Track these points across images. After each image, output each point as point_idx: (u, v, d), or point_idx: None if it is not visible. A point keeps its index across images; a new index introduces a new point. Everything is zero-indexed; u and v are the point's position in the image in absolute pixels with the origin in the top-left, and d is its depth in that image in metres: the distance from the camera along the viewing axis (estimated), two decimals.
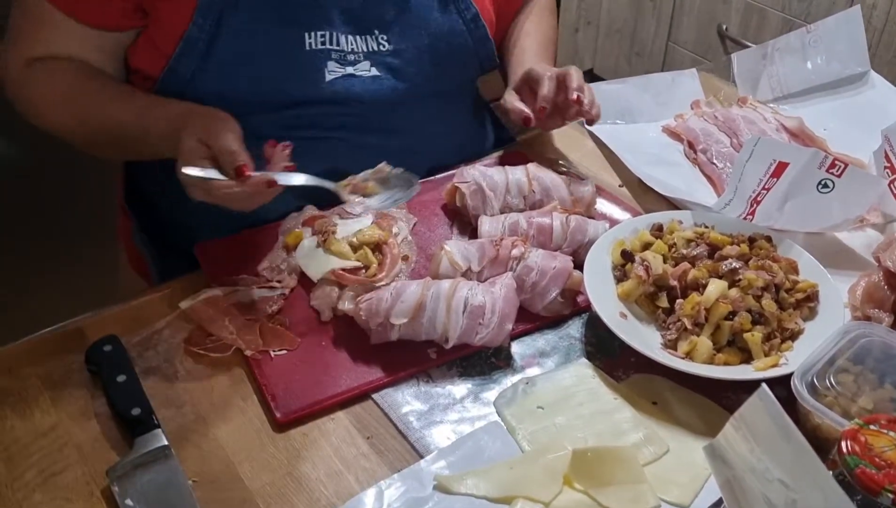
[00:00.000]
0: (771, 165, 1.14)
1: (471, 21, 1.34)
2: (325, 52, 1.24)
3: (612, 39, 3.26)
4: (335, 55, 1.25)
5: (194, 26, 1.17)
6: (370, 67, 1.27)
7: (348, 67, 1.26)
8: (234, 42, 1.19)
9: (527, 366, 1.06)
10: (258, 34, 1.20)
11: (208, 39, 1.18)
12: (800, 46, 1.56)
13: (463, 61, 1.37)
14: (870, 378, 0.93)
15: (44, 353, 1.05)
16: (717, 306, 1.03)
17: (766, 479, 0.73)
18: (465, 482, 0.91)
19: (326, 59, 1.24)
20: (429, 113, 1.36)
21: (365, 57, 1.27)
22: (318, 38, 1.23)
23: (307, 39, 1.22)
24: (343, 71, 1.25)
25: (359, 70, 1.26)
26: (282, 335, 1.07)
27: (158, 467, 0.91)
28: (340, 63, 1.25)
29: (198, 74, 1.20)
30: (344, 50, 1.25)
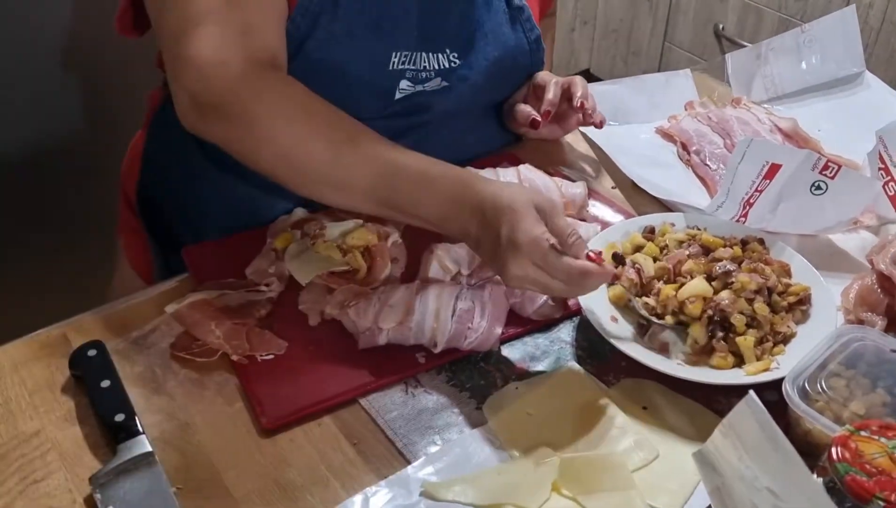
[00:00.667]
0: (764, 167, 1.13)
1: (534, 42, 1.35)
2: (401, 72, 1.22)
3: (608, 39, 3.26)
4: (409, 74, 1.23)
5: (291, 24, 1.13)
6: (441, 81, 1.27)
7: (418, 85, 1.25)
8: (325, 48, 1.16)
9: (517, 371, 1.05)
10: (351, 46, 1.17)
11: (300, 40, 1.14)
12: (794, 46, 1.55)
13: (520, 79, 1.39)
14: (862, 383, 0.92)
15: (27, 358, 1.04)
16: (689, 305, 1.02)
17: (755, 487, 0.72)
18: (453, 489, 0.90)
19: (401, 78, 1.22)
20: (466, 123, 1.37)
21: (437, 74, 1.26)
22: (402, 58, 1.21)
23: (393, 58, 1.20)
24: (413, 89, 1.24)
25: (429, 87, 1.26)
26: (269, 339, 1.06)
27: (142, 474, 0.90)
28: (412, 81, 1.24)
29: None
30: (418, 68, 1.24)
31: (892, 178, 1.20)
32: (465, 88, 1.29)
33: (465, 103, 1.32)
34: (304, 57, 1.16)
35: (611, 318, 1.06)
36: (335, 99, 1.10)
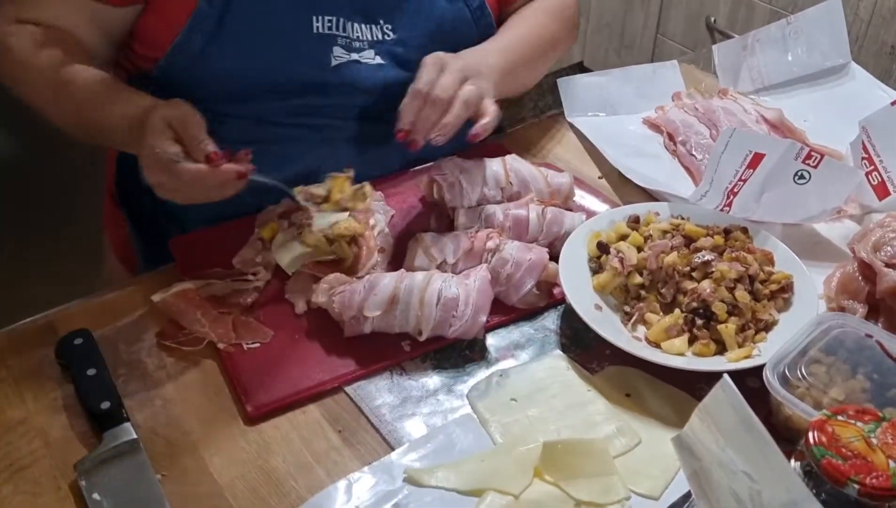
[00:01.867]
0: (747, 157, 1.13)
1: (477, 9, 1.33)
2: (332, 38, 1.24)
3: (601, 32, 3.26)
4: (341, 41, 1.25)
5: (204, 1, 1.17)
6: (374, 55, 1.27)
7: (353, 53, 1.26)
8: (244, 19, 1.19)
9: (501, 358, 1.05)
10: (268, 13, 1.20)
11: (218, 15, 1.18)
12: (780, 38, 1.55)
13: (465, 42, 1.34)
14: (842, 369, 0.93)
15: (14, 346, 1.05)
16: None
17: (731, 471, 0.73)
18: (436, 474, 0.90)
19: (332, 44, 1.24)
20: None
21: (370, 46, 1.27)
22: (326, 23, 1.23)
23: (315, 23, 1.22)
24: (348, 57, 1.25)
25: (363, 58, 1.26)
26: (255, 328, 1.07)
27: (127, 461, 0.91)
28: (346, 49, 1.25)
29: (208, 49, 1.19)
30: (350, 37, 1.25)
31: (874, 167, 1.21)
32: (403, 72, 1.27)
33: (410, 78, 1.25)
34: (225, 35, 1.18)
35: (595, 306, 1.07)
36: (272, 65, 1.19)
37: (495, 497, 0.88)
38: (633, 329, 1.06)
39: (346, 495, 0.89)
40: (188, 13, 1.18)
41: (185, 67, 1.21)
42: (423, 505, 0.88)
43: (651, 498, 0.89)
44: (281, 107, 1.25)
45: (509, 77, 1.30)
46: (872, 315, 1.04)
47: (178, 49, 1.20)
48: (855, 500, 0.73)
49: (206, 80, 1.21)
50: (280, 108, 1.25)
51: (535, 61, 1.40)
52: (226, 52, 1.20)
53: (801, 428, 0.87)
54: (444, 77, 1.16)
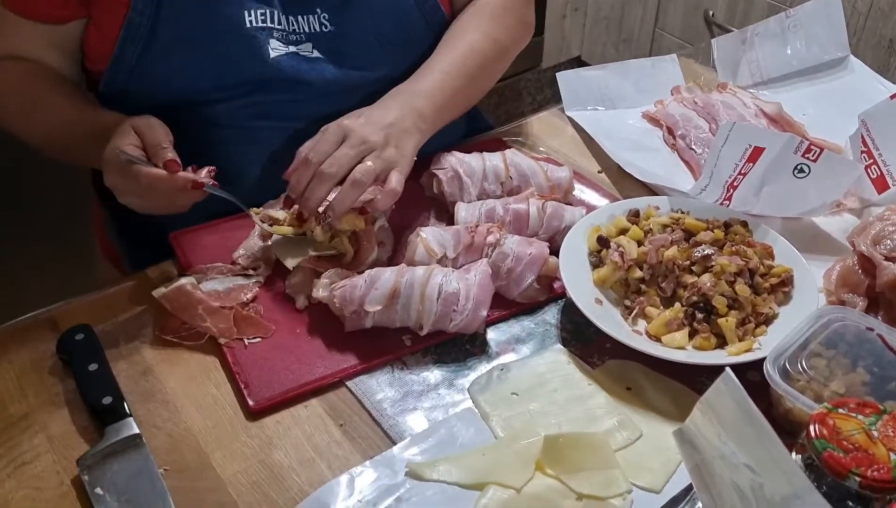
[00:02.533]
0: (746, 151, 1.14)
1: (429, 8, 1.31)
2: (267, 31, 1.22)
3: (599, 26, 3.26)
4: (277, 34, 1.23)
5: (134, 11, 1.16)
6: (312, 48, 1.25)
7: (291, 46, 1.24)
8: (175, 23, 1.18)
9: (502, 353, 1.06)
10: (198, 14, 1.18)
11: (150, 24, 1.17)
12: (779, 31, 1.55)
13: (415, 38, 1.32)
14: (842, 362, 0.93)
15: (15, 342, 1.05)
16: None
17: (733, 464, 0.73)
18: (438, 468, 0.91)
19: (268, 37, 1.22)
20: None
21: (307, 38, 1.25)
22: (259, 16, 1.21)
23: (247, 17, 1.20)
24: (286, 49, 1.23)
25: (302, 50, 1.25)
26: (256, 322, 1.07)
27: (129, 456, 0.91)
28: (283, 42, 1.23)
29: (143, 58, 1.19)
30: (286, 29, 1.24)
31: (874, 161, 1.21)
32: (343, 70, 1.26)
33: (355, 79, 1.27)
34: (158, 41, 1.18)
35: (595, 300, 1.07)
36: (210, 65, 1.19)
37: (497, 491, 0.88)
38: (634, 323, 1.06)
39: (349, 489, 0.89)
40: (121, 23, 1.17)
41: (125, 78, 1.21)
42: (425, 499, 0.88)
43: (652, 492, 0.89)
44: (229, 108, 1.24)
45: (445, 112, 1.26)
46: (872, 309, 1.04)
47: (116, 61, 1.20)
48: (856, 493, 0.74)
49: (148, 89, 1.21)
50: (228, 109, 1.24)
51: (478, 81, 1.33)
52: (161, 58, 1.19)
53: (802, 421, 0.87)
54: (340, 150, 1.10)
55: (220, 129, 1.24)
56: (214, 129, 1.24)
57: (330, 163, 1.09)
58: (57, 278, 1.40)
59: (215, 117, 1.24)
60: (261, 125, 1.27)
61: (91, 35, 1.22)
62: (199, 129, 1.24)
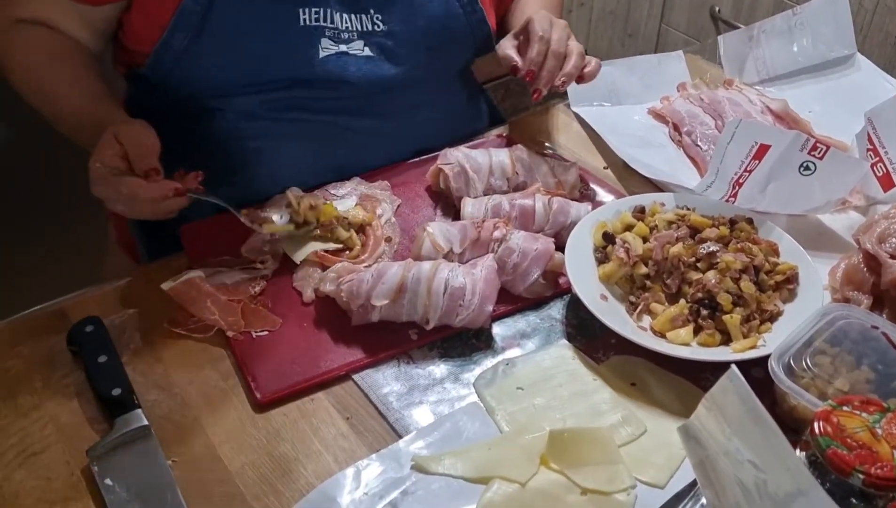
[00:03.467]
0: (752, 148, 1.14)
1: (468, 4, 1.33)
2: (319, 29, 1.23)
3: (605, 21, 3.25)
4: (329, 32, 1.24)
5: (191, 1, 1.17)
6: (364, 46, 1.27)
7: (342, 45, 1.25)
8: (229, 16, 1.19)
9: (507, 347, 1.06)
10: (253, 9, 1.19)
11: (203, 12, 1.18)
12: (786, 28, 1.55)
13: (458, 45, 1.36)
14: (847, 360, 0.93)
15: (26, 334, 1.06)
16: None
17: (737, 460, 0.73)
18: (443, 462, 0.91)
19: (320, 37, 1.24)
20: (422, 98, 1.36)
21: (359, 36, 1.26)
22: (313, 15, 1.23)
23: (301, 15, 1.22)
24: (336, 49, 1.25)
25: (352, 49, 1.26)
26: (264, 315, 1.08)
27: (138, 447, 0.92)
28: (334, 41, 1.25)
29: (192, 47, 1.20)
30: (338, 28, 1.25)
31: (880, 159, 1.21)
32: (391, 67, 1.29)
33: (396, 80, 1.30)
34: (209, 32, 1.19)
35: (600, 296, 1.08)
36: (259, 60, 1.20)
37: (501, 485, 0.89)
38: (639, 319, 1.07)
39: (355, 482, 0.90)
40: (172, 11, 1.18)
41: (171, 65, 1.22)
42: (431, 493, 0.89)
43: (656, 487, 0.90)
44: (267, 100, 1.25)
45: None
46: (877, 306, 1.05)
47: (163, 47, 1.20)
48: (859, 490, 0.74)
49: (191, 77, 1.22)
50: (265, 101, 1.25)
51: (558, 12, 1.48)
52: (211, 49, 1.20)
53: (806, 418, 0.88)
54: (555, 31, 1.25)
55: (252, 120, 1.26)
56: (246, 120, 1.26)
57: (557, 43, 1.25)
58: (67, 269, 1.41)
59: (249, 109, 1.25)
60: (293, 117, 1.28)
61: (135, 19, 1.23)
62: (230, 119, 1.26)
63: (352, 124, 1.31)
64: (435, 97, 1.38)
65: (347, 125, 1.31)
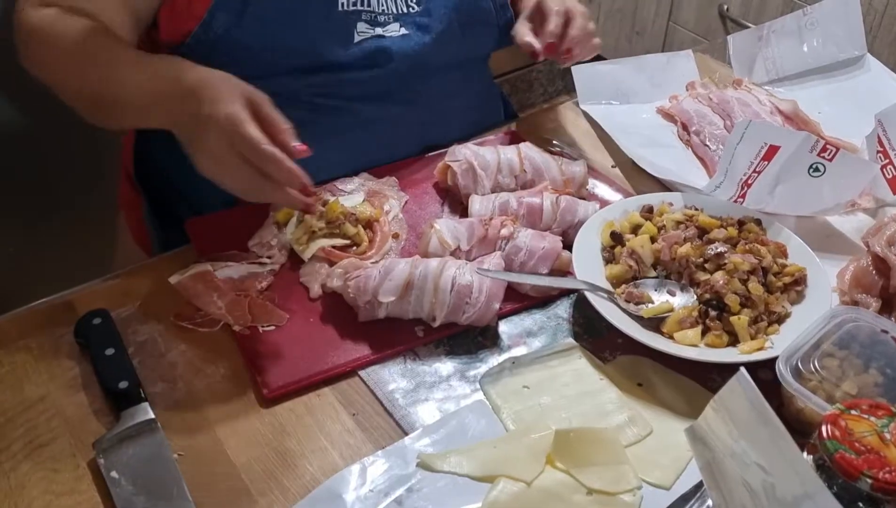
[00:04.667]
0: (762, 149, 1.14)
1: None
2: (356, 14, 1.25)
3: (613, 19, 3.25)
4: (366, 16, 1.26)
5: None
6: (399, 27, 1.28)
7: (378, 28, 1.27)
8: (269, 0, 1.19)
9: (514, 346, 1.06)
10: None
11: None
12: (796, 29, 1.55)
13: (485, 28, 1.37)
14: (855, 363, 0.93)
15: (33, 325, 1.06)
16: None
17: (745, 463, 0.73)
18: (449, 460, 0.91)
19: (357, 20, 1.25)
20: (449, 85, 1.37)
21: (395, 19, 1.28)
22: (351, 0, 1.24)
23: (340, 0, 1.23)
24: (373, 32, 1.26)
25: (388, 31, 1.27)
26: (270, 311, 1.08)
27: (144, 440, 0.92)
28: (370, 24, 1.26)
29: (232, 29, 1.20)
30: (375, 11, 1.26)
31: (890, 161, 1.21)
32: (427, 37, 1.30)
33: (430, 55, 1.31)
34: (250, 14, 1.19)
35: (608, 295, 1.08)
36: (296, 45, 1.19)
37: (507, 484, 0.89)
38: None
39: (361, 479, 0.90)
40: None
41: (209, 47, 1.21)
42: (436, 490, 0.89)
43: (662, 488, 0.90)
44: (301, 84, 1.26)
45: None
46: (886, 310, 1.05)
47: (204, 27, 1.20)
48: (867, 495, 0.74)
49: (228, 59, 1.21)
50: (300, 85, 1.26)
51: None
52: (250, 32, 1.20)
53: (813, 421, 0.88)
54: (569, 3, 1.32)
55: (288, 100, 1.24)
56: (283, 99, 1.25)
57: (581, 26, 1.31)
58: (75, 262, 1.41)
59: (287, 89, 1.24)
60: (325, 102, 1.28)
61: (175, 3, 1.21)
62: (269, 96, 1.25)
63: (380, 113, 1.32)
64: (459, 86, 1.40)
65: (375, 114, 1.31)
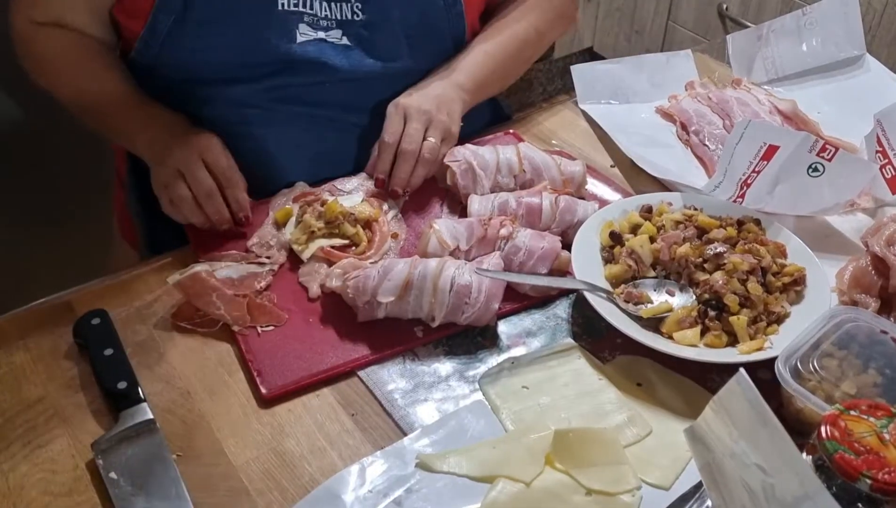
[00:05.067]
0: (761, 148, 1.14)
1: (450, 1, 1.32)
2: (298, 14, 1.24)
3: (612, 18, 3.25)
4: (307, 18, 1.25)
5: None
6: (342, 35, 1.27)
7: (320, 31, 1.26)
8: (207, 3, 1.19)
9: (513, 346, 1.06)
10: None
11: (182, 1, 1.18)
12: (795, 28, 1.55)
13: (437, 37, 1.34)
14: (854, 363, 0.93)
15: (32, 326, 1.06)
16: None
17: (744, 463, 0.73)
18: (448, 460, 0.91)
19: (298, 22, 1.24)
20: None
21: (337, 25, 1.26)
22: (291, 0, 1.23)
23: (280, 0, 1.22)
24: (314, 35, 1.25)
25: (330, 37, 1.26)
26: (269, 311, 1.08)
27: (143, 441, 0.92)
28: (312, 27, 1.25)
29: (174, 31, 1.20)
30: (316, 14, 1.25)
31: (889, 161, 1.21)
32: (371, 53, 1.28)
33: (380, 70, 1.29)
34: (191, 15, 1.20)
35: (607, 295, 1.07)
36: (238, 43, 1.21)
37: (506, 484, 0.89)
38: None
39: (360, 479, 0.89)
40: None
41: (157, 50, 1.23)
42: (435, 491, 0.89)
43: (661, 488, 0.89)
44: (252, 89, 1.26)
45: (483, 87, 1.36)
46: (885, 310, 1.04)
47: (148, 32, 1.21)
48: (866, 495, 0.74)
49: (177, 62, 1.23)
50: (252, 90, 1.26)
51: (515, 63, 1.43)
52: (193, 32, 1.21)
53: (813, 421, 0.88)
54: (409, 126, 1.23)
55: (242, 108, 1.26)
56: (237, 108, 1.26)
57: (407, 141, 1.22)
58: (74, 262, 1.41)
59: (238, 97, 1.25)
60: (282, 109, 1.28)
61: (129, 3, 1.23)
62: (225, 107, 1.26)
63: (343, 118, 1.31)
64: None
65: (339, 118, 1.31)
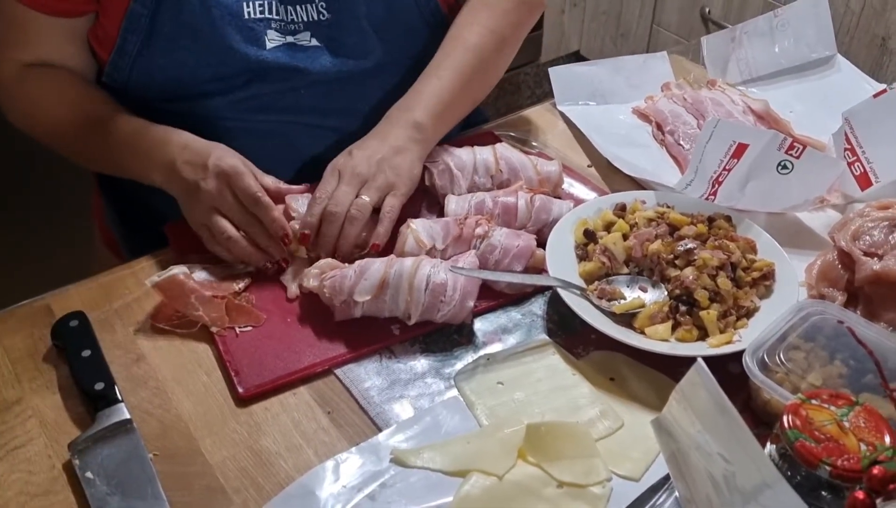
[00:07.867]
0: (731, 147, 1.15)
1: None
2: (265, 21, 1.24)
3: (598, 21, 3.27)
4: (275, 24, 1.25)
5: (136, 2, 1.18)
6: (310, 37, 1.27)
7: (289, 36, 1.26)
8: (176, 14, 1.20)
9: (489, 342, 1.07)
10: (198, 5, 1.20)
11: (151, 14, 1.19)
12: (768, 30, 1.56)
13: (409, 27, 1.33)
14: (820, 355, 0.94)
15: (10, 327, 1.07)
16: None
17: (707, 453, 0.75)
18: (422, 455, 0.92)
19: (266, 28, 1.24)
20: (385, 92, 1.33)
21: (305, 27, 1.26)
22: (257, 7, 1.23)
23: (245, 9, 1.22)
24: (284, 40, 1.25)
25: (300, 40, 1.26)
26: (248, 311, 1.09)
27: (120, 441, 0.93)
28: (281, 32, 1.25)
29: (143, 50, 1.21)
30: (283, 19, 1.25)
31: (857, 158, 1.22)
32: (340, 54, 1.28)
33: (352, 70, 1.29)
34: (159, 32, 1.20)
35: (581, 292, 1.09)
36: (208, 56, 1.20)
37: (479, 478, 0.90)
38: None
39: (334, 475, 0.91)
40: (122, 15, 1.19)
41: (128, 70, 1.23)
42: (409, 485, 0.90)
43: (632, 480, 0.91)
44: (228, 102, 1.26)
45: (446, 117, 1.27)
46: (851, 303, 1.06)
47: (118, 52, 1.22)
48: (826, 482, 0.76)
49: (149, 80, 1.23)
50: (227, 103, 1.26)
51: (478, 78, 1.33)
52: (162, 49, 1.21)
53: (779, 413, 0.89)
54: (339, 189, 1.15)
55: (220, 122, 1.26)
56: (214, 122, 1.26)
57: (334, 203, 1.14)
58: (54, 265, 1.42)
59: (215, 110, 1.26)
60: (260, 119, 1.28)
61: (98, 28, 1.24)
62: (200, 122, 1.25)
63: (322, 123, 1.32)
64: (400, 92, 1.30)
65: (318, 124, 1.32)
